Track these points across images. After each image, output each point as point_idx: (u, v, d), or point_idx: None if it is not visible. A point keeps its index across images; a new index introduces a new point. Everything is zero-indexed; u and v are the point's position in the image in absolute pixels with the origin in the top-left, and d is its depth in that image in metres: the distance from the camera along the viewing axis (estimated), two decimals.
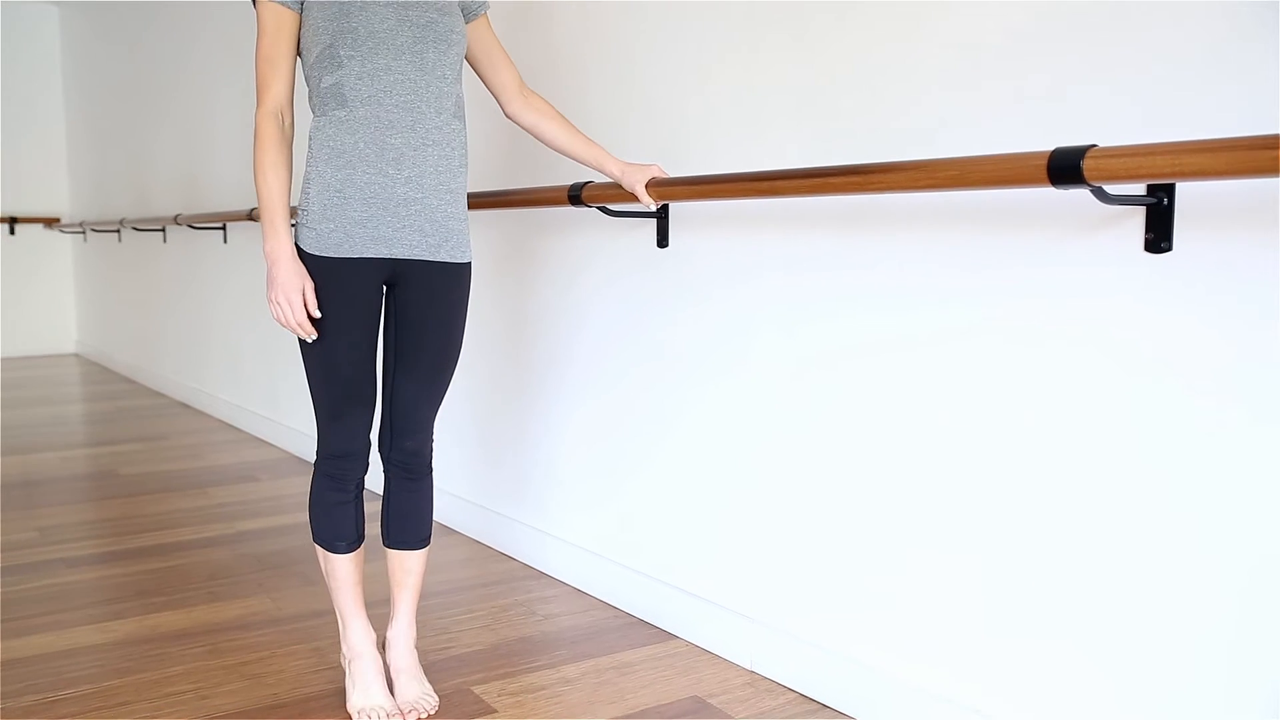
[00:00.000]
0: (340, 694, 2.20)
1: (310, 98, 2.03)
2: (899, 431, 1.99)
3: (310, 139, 2.01)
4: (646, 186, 2.24)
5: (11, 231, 8.46)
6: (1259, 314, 1.48)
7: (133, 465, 4.45)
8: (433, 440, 2.17)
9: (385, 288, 2.08)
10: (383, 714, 2.08)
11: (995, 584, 1.84)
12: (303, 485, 4.06)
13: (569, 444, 2.90)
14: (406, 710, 2.10)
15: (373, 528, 3.32)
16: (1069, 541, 1.72)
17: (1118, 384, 1.64)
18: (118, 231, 7.20)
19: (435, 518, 3.49)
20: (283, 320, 1.94)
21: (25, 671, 2.33)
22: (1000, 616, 1.83)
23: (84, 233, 8.11)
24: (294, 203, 3.86)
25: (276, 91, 1.97)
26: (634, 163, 2.33)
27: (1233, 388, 1.51)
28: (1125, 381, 1.63)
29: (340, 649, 2.25)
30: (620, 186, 2.30)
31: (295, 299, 1.93)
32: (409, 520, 2.18)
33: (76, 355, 8.69)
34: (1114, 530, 1.66)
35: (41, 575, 2.99)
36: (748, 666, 2.33)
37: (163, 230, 6.26)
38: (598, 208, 2.50)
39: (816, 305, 2.14)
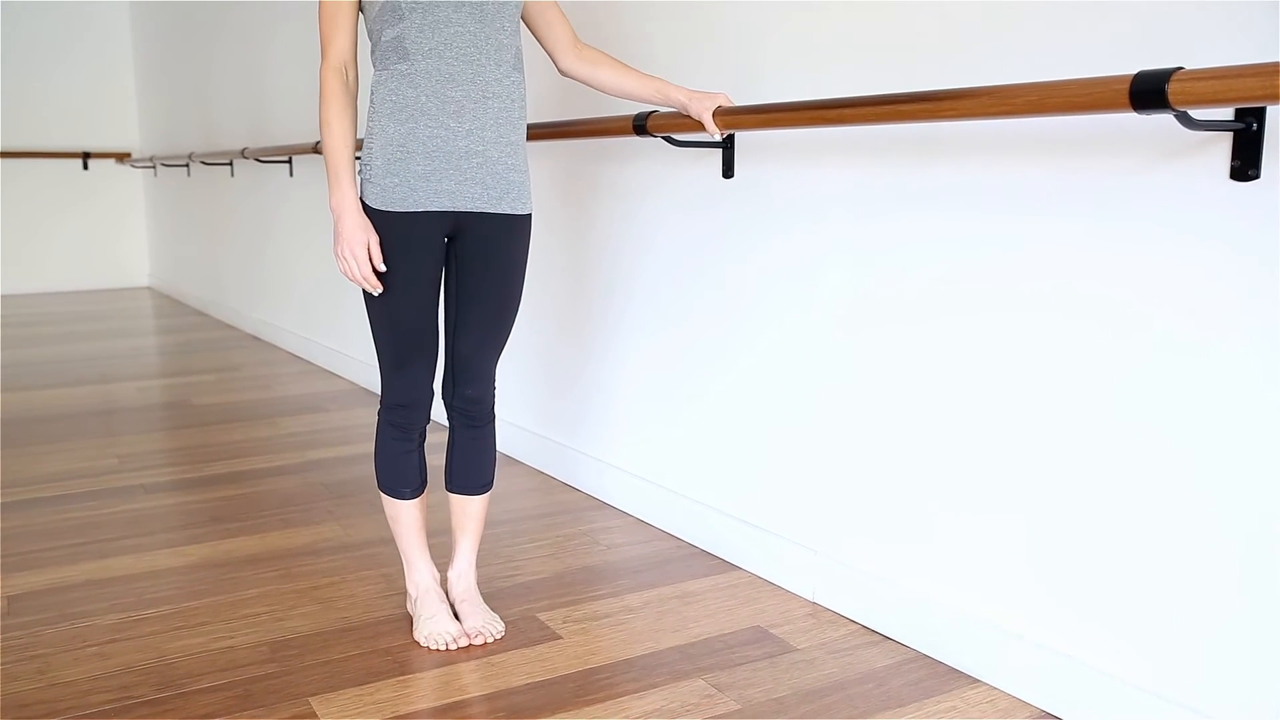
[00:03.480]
0: (409, 619, 2.25)
1: (372, 52, 2.04)
2: (966, 371, 1.96)
3: (372, 93, 2.03)
4: (713, 115, 2.21)
5: (85, 167, 8.63)
6: None
7: (205, 396, 4.56)
8: (494, 389, 2.20)
9: (447, 240, 2.10)
10: (449, 638, 2.13)
11: (1052, 521, 1.82)
12: (369, 416, 4.13)
13: (632, 376, 2.91)
14: (473, 634, 2.15)
15: (436, 461, 3.37)
16: (1127, 487, 1.69)
17: (1201, 319, 1.60)
18: (186, 166, 7.30)
19: (501, 449, 3.54)
20: (349, 274, 1.98)
21: (110, 591, 2.41)
22: (1056, 551, 1.81)
23: (154, 167, 8.23)
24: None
25: (340, 46, 2.00)
26: (700, 91, 2.29)
27: None
28: (1208, 316, 1.58)
29: (405, 582, 2.30)
30: (686, 116, 2.28)
31: (360, 253, 1.96)
32: (471, 467, 2.22)
33: (149, 288, 8.87)
34: (1171, 478, 1.63)
35: (122, 500, 3.08)
36: (810, 598, 2.35)
37: (230, 164, 6.33)
38: (663, 137, 2.47)
39: (887, 251, 2.10)
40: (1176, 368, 1.63)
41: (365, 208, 2.02)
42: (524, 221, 2.11)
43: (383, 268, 1.99)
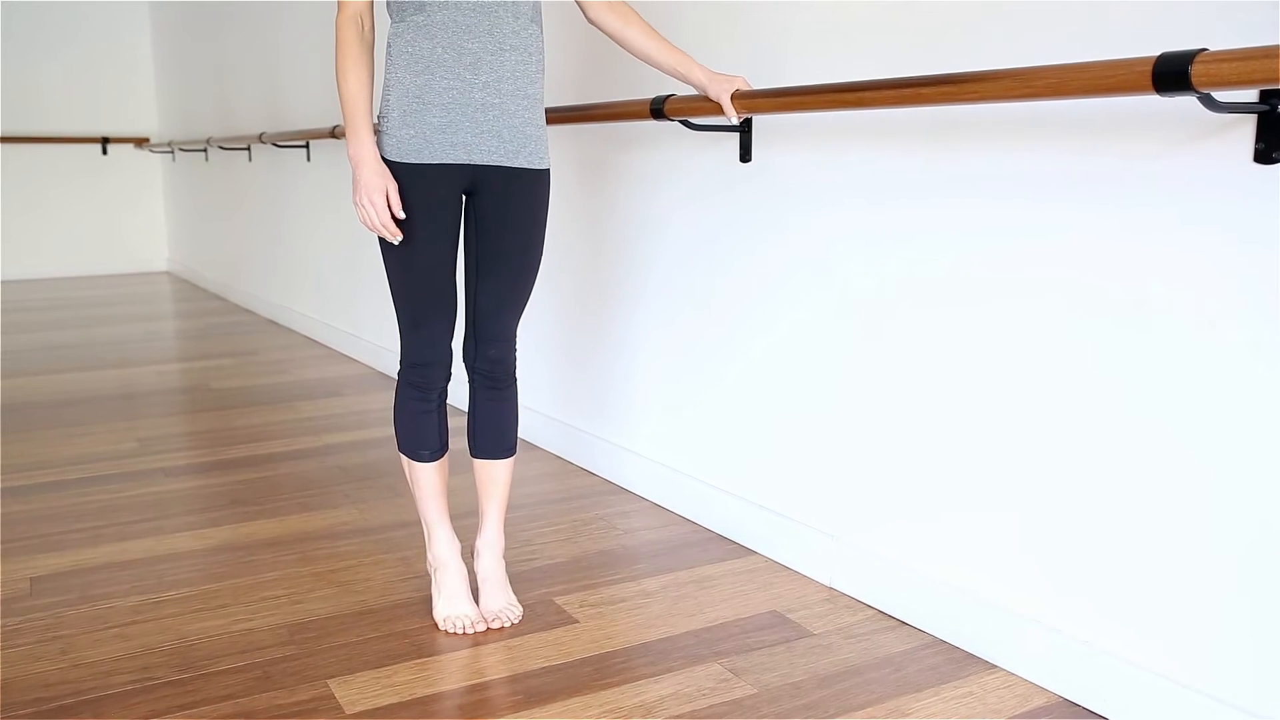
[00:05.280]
0: (427, 602, 2.26)
1: (388, 4, 2.02)
2: (984, 357, 1.95)
3: (389, 45, 2.01)
4: (731, 98, 2.20)
5: (104, 151, 8.66)
6: None
7: (224, 380, 4.58)
8: (516, 349, 2.18)
9: (464, 196, 2.08)
10: (467, 622, 2.13)
11: (1070, 506, 1.81)
12: (386, 400, 4.14)
13: (649, 361, 2.91)
14: (491, 619, 2.15)
15: (460, 441, 3.38)
16: (1145, 473, 1.68)
17: (1223, 304, 1.58)
18: (204, 151, 7.32)
19: (518, 433, 3.54)
20: (368, 222, 1.97)
21: (131, 574, 2.43)
22: (1074, 536, 1.81)
23: (172, 152, 8.26)
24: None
25: None
26: (719, 73, 2.28)
27: None
28: (1230, 301, 1.57)
29: (425, 557, 2.30)
30: (704, 99, 2.27)
31: (379, 200, 1.95)
32: (494, 430, 2.20)
33: (168, 273, 8.91)
34: (1190, 465, 1.62)
35: (142, 483, 3.11)
36: (827, 582, 2.34)
37: (248, 149, 6.35)
38: (680, 121, 2.46)
39: (905, 236, 2.09)
40: (1199, 353, 1.62)
41: (383, 159, 2.00)
42: (542, 176, 2.09)
43: (401, 215, 1.98)
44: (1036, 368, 1.86)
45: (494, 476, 2.23)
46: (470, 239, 2.11)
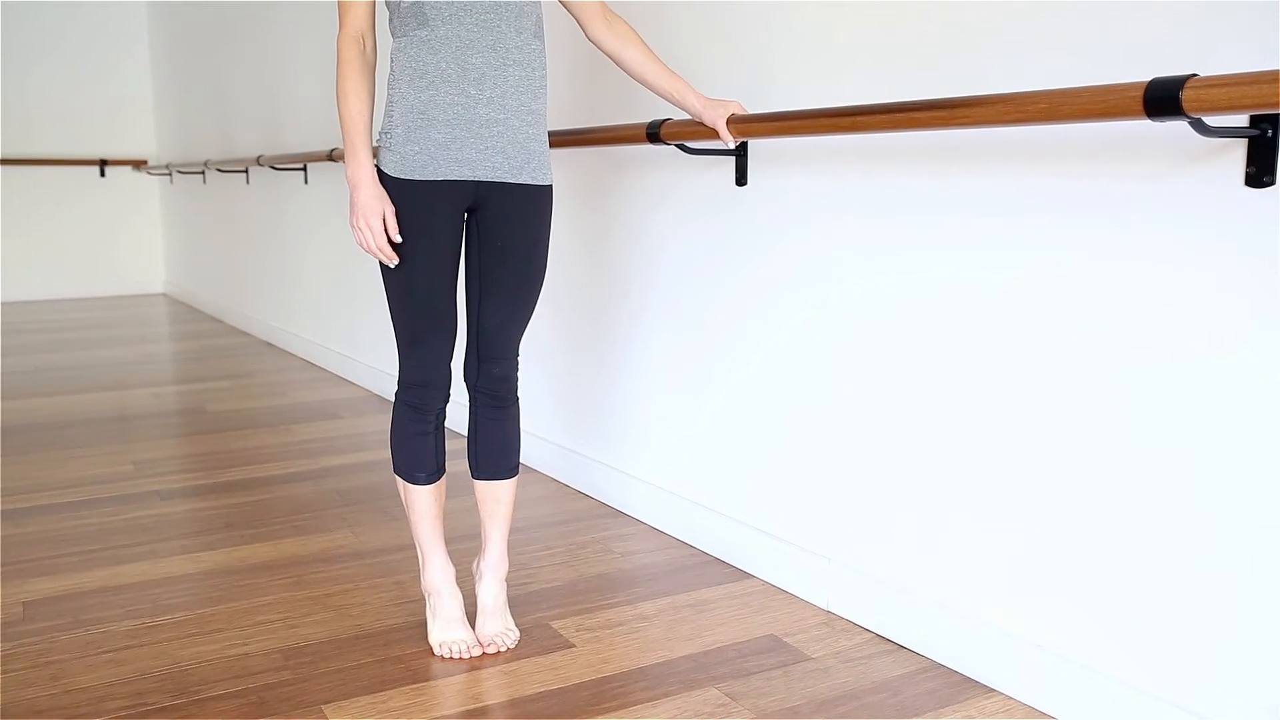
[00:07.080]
0: (422, 626, 2.25)
1: (390, 21, 2.02)
2: (980, 378, 1.95)
3: (392, 61, 2.01)
4: (726, 123, 2.21)
5: (102, 174, 8.68)
6: None
7: (220, 402, 4.57)
8: (518, 366, 2.18)
9: (467, 213, 2.08)
10: (463, 647, 2.12)
11: (1068, 528, 1.81)
12: (382, 423, 4.14)
13: (646, 383, 2.91)
14: (487, 643, 2.14)
15: (461, 464, 3.37)
16: (1144, 495, 1.68)
17: (1214, 326, 1.59)
18: (202, 173, 7.33)
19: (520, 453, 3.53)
20: (364, 245, 1.96)
21: (125, 598, 2.42)
22: (1072, 559, 1.80)
23: (170, 174, 8.28)
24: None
25: (357, 15, 1.98)
26: (714, 99, 2.29)
27: None
28: (1222, 323, 1.58)
29: (420, 581, 2.30)
30: (699, 123, 2.27)
31: (376, 223, 1.94)
32: (497, 449, 2.18)
33: (165, 295, 8.91)
34: (1188, 486, 1.62)
35: (137, 506, 3.10)
36: (824, 606, 2.34)
37: (245, 171, 6.36)
38: (676, 145, 2.47)
39: (900, 254, 2.10)
40: (1190, 375, 1.62)
41: (384, 177, 2.00)
42: (546, 192, 2.09)
43: (398, 239, 1.97)
44: (1031, 388, 1.87)
45: (498, 497, 2.21)
46: (473, 256, 2.10)
